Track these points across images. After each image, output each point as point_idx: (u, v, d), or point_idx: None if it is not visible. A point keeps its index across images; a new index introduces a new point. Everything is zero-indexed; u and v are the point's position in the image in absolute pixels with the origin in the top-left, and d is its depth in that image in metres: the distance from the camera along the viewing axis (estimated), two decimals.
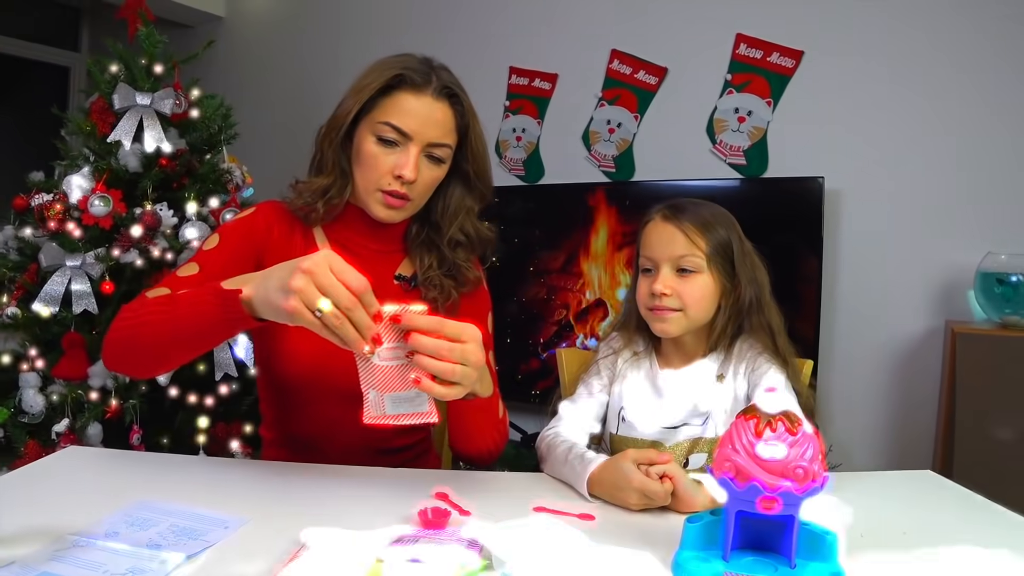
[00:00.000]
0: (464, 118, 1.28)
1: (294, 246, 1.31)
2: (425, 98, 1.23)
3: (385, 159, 1.23)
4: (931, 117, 2.60)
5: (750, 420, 0.82)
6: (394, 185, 1.24)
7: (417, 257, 1.37)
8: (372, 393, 0.99)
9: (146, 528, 0.94)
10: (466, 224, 1.35)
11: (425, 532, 0.92)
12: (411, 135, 1.22)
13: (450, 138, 1.27)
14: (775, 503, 0.79)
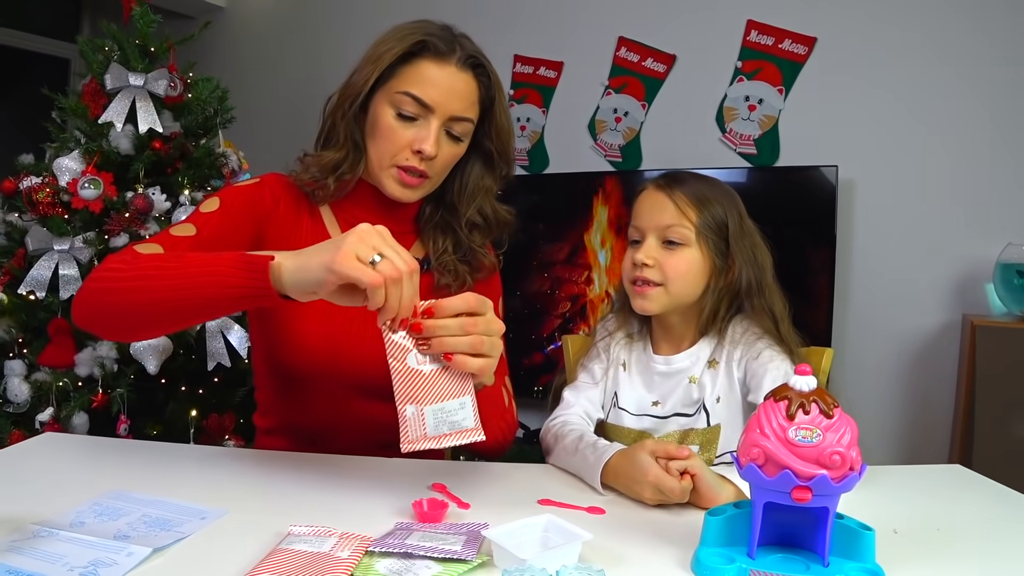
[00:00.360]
0: (489, 91, 1.20)
1: (300, 224, 1.23)
2: (449, 68, 1.14)
3: (403, 133, 1.14)
4: (948, 104, 2.52)
5: (780, 402, 0.74)
6: (412, 161, 1.15)
7: (431, 239, 1.27)
8: (410, 409, 0.88)
9: (115, 518, 0.87)
10: (484, 205, 1.26)
11: (420, 525, 0.84)
12: (433, 107, 1.13)
13: (472, 112, 1.18)
14: (809, 493, 0.71)
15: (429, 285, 1.25)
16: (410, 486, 1.00)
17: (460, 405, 0.89)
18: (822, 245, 2.53)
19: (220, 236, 1.12)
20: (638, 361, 1.36)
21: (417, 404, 0.88)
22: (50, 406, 1.97)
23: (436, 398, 0.88)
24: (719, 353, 1.28)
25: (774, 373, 1.20)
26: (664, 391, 1.31)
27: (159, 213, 2.26)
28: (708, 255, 1.27)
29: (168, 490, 0.96)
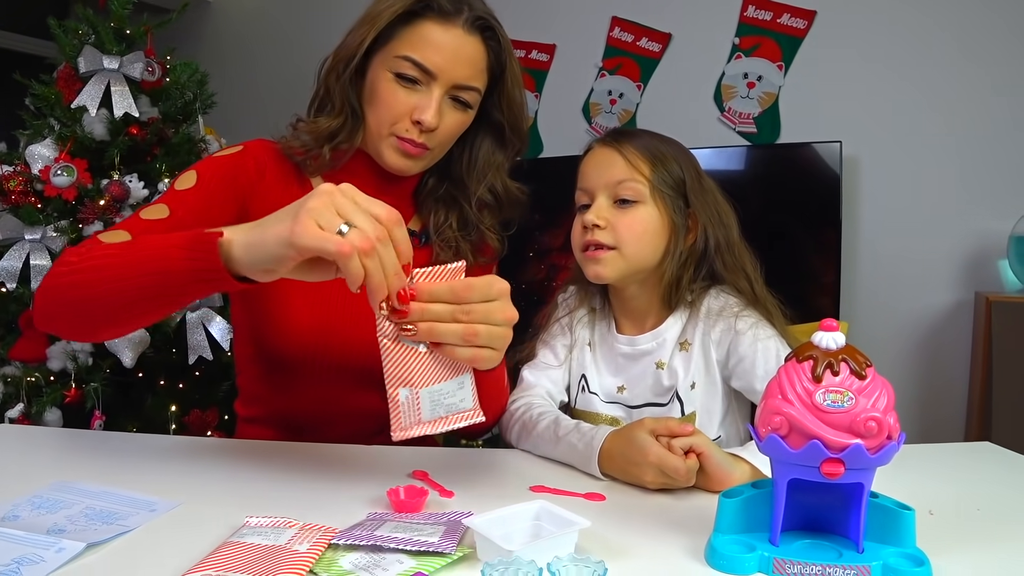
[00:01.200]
0: (500, 57, 1.08)
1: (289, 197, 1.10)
2: (454, 30, 1.03)
3: (403, 100, 1.03)
4: (953, 76, 2.43)
5: (804, 362, 0.64)
6: (412, 132, 1.04)
7: (431, 212, 1.17)
8: (404, 393, 0.78)
9: (54, 511, 0.77)
10: (495, 183, 1.15)
11: (395, 515, 0.74)
12: (435, 73, 1.02)
13: (480, 80, 1.07)
14: (841, 467, 0.61)
15: (426, 260, 1.15)
16: (388, 474, 0.90)
17: (458, 385, 0.80)
18: (827, 224, 2.44)
19: (196, 216, 1.01)
20: (602, 341, 1.23)
21: (411, 387, 0.78)
22: (20, 402, 1.87)
23: (432, 379, 0.79)
24: (691, 332, 1.14)
25: (765, 355, 1.07)
26: (631, 376, 1.19)
27: (136, 201, 2.15)
28: (666, 213, 1.13)
29: (119, 481, 0.86)
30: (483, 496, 0.84)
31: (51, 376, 1.94)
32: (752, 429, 0.67)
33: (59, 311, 0.93)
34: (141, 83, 2.30)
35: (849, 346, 0.64)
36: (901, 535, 0.67)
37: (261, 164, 1.11)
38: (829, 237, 2.43)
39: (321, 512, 0.76)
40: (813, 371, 0.63)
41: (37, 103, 2.30)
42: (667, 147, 1.17)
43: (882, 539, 0.67)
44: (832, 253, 2.43)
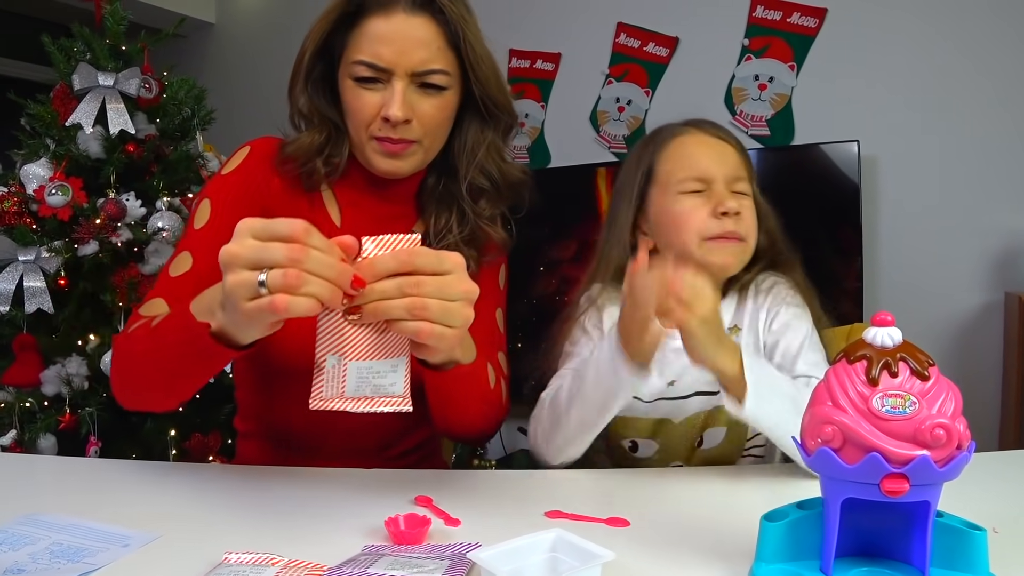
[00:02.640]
0: (454, 29, 1.01)
1: (298, 207, 1.08)
2: (396, 16, 0.98)
3: (368, 101, 1.00)
4: (974, 69, 2.35)
5: (857, 362, 0.56)
6: (385, 130, 1.00)
7: (432, 214, 1.12)
8: (331, 360, 0.72)
9: (17, 548, 0.69)
10: (487, 163, 1.08)
11: (394, 548, 0.66)
12: (388, 68, 0.98)
13: (442, 60, 1.00)
14: (905, 483, 0.53)
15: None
16: (388, 501, 0.82)
17: (391, 367, 0.73)
18: (847, 227, 2.36)
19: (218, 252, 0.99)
20: None
21: (340, 356, 0.72)
22: (13, 428, 1.80)
23: (364, 354, 0.72)
24: (741, 316, 1.11)
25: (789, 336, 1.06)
26: (679, 368, 1.08)
27: (133, 219, 2.10)
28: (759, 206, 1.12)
29: (97, 512, 0.78)
30: (493, 524, 0.76)
31: (45, 401, 1.88)
32: (798, 443, 0.59)
33: (131, 394, 0.97)
34: (138, 100, 2.25)
35: (907, 343, 0.56)
36: (971, 559, 0.58)
37: (268, 170, 1.08)
38: (850, 240, 2.35)
39: (311, 545, 0.68)
40: (868, 372, 0.55)
41: (32, 123, 2.25)
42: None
43: (950, 564, 0.59)
44: (853, 256, 2.34)
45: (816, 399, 0.57)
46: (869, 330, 0.57)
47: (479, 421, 1.00)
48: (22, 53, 4.55)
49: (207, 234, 1.02)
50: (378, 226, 1.07)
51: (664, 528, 0.75)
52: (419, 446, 1.19)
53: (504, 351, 1.14)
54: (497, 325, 1.15)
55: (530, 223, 1.15)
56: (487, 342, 1.09)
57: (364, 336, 0.72)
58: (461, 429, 1.02)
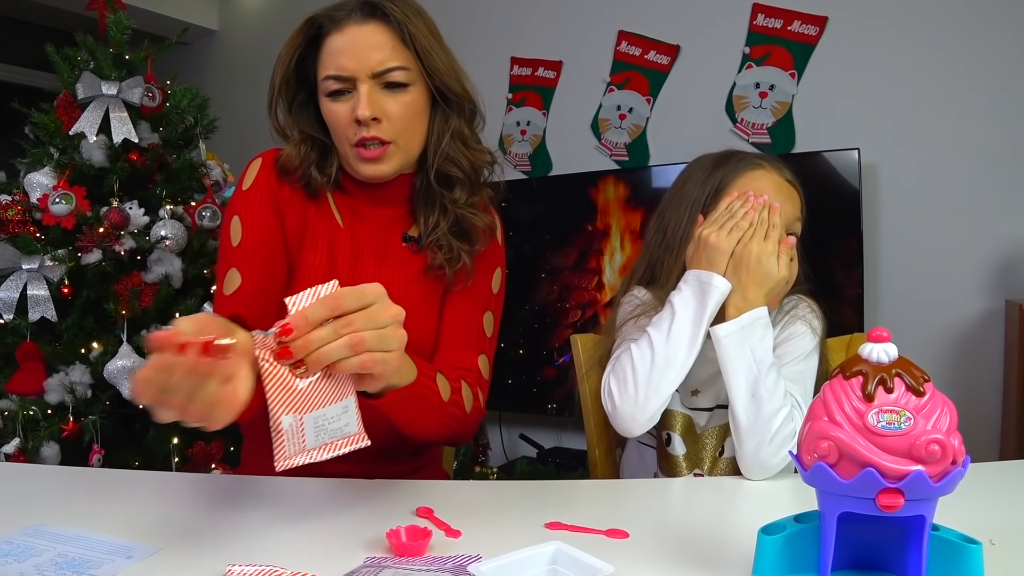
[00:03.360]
0: (401, 28, 1.07)
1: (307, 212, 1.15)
2: (348, 28, 1.06)
3: (342, 111, 1.07)
4: (975, 78, 2.35)
5: (853, 378, 0.57)
6: (360, 131, 1.06)
7: (422, 216, 1.17)
8: (287, 420, 0.71)
9: (23, 559, 0.70)
10: (452, 151, 1.13)
11: (395, 560, 0.67)
12: (350, 75, 1.05)
13: (399, 57, 1.06)
14: (900, 498, 0.53)
15: (422, 266, 1.16)
16: (389, 512, 0.82)
17: (343, 409, 0.75)
18: (848, 235, 2.36)
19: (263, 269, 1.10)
20: None
21: (296, 413, 0.72)
22: (16, 436, 1.80)
23: (316, 404, 0.73)
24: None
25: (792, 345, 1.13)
26: (702, 379, 1.16)
27: (136, 228, 2.11)
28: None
29: (101, 523, 0.79)
30: (493, 535, 0.76)
31: (49, 409, 1.88)
32: (795, 457, 0.59)
33: None
34: (141, 109, 2.27)
35: (903, 359, 0.57)
36: (967, 572, 0.59)
37: (279, 179, 1.14)
38: (850, 247, 2.35)
39: (313, 557, 0.69)
40: (863, 388, 0.55)
41: (36, 131, 2.27)
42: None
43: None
44: (854, 264, 2.34)
45: (813, 414, 0.58)
46: (865, 346, 0.57)
47: (440, 432, 1.02)
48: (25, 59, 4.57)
49: (246, 248, 1.09)
50: (377, 229, 1.17)
51: (663, 540, 0.76)
52: (424, 449, 1.21)
53: (488, 354, 1.18)
54: (483, 328, 1.18)
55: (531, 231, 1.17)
56: (469, 343, 1.16)
57: (312, 387, 0.72)
58: (424, 440, 1.07)
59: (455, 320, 1.16)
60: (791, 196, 1.17)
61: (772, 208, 1.08)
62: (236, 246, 1.10)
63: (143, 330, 2.03)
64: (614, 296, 2.76)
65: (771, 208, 1.08)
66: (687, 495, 0.95)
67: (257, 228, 1.11)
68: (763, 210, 1.09)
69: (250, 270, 1.09)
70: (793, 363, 1.11)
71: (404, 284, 1.15)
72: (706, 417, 1.16)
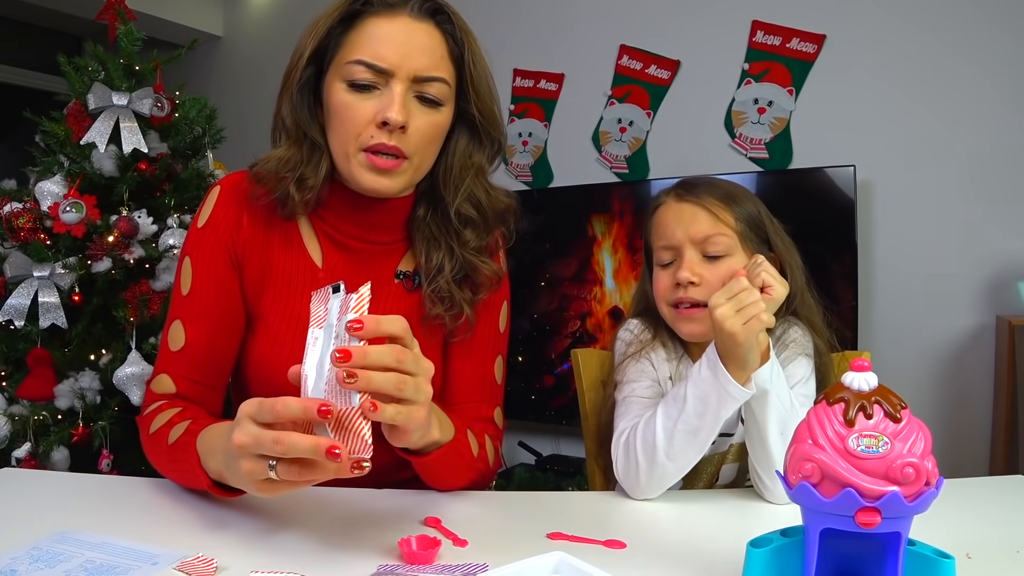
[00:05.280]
0: (458, 40, 0.98)
1: (271, 242, 1.03)
2: (401, 19, 0.94)
3: (362, 106, 0.93)
4: (970, 95, 2.39)
5: (835, 404, 0.61)
6: (379, 136, 0.92)
7: (423, 252, 1.06)
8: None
9: (53, 565, 0.74)
10: (475, 189, 1.03)
11: (407, 568, 0.71)
12: (390, 69, 0.92)
13: (443, 70, 0.96)
14: (877, 516, 0.58)
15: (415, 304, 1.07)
16: (398, 522, 0.87)
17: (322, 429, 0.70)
18: (843, 249, 2.40)
19: (208, 324, 1.02)
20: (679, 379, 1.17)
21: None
22: (27, 441, 1.84)
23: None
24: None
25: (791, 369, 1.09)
26: None
27: (145, 236, 2.15)
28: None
29: (122, 530, 0.83)
30: (499, 545, 0.80)
31: (59, 415, 1.92)
32: (781, 477, 0.64)
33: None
34: (150, 119, 2.30)
35: (882, 387, 0.61)
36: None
37: (239, 209, 1.02)
38: (845, 262, 2.40)
39: (330, 564, 0.73)
40: (845, 414, 0.60)
41: (47, 140, 2.30)
42: (737, 189, 1.16)
43: None
44: (849, 279, 2.39)
45: (798, 437, 0.62)
46: (847, 375, 0.62)
47: (464, 485, 1.00)
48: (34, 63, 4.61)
49: (193, 301, 1.01)
50: (363, 264, 1.05)
51: (657, 551, 0.80)
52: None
53: (501, 404, 1.13)
54: (495, 377, 1.12)
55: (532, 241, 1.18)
56: (485, 398, 1.10)
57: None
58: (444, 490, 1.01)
59: (466, 375, 1.10)
60: (695, 215, 1.10)
61: (738, 274, 0.98)
62: (185, 296, 1.02)
63: (151, 337, 2.07)
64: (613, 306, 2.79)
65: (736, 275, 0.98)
66: (681, 508, 0.99)
67: (208, 278, 1.01)
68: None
69: (197, 328, 1.01)
70: (796, 389, 1.07)
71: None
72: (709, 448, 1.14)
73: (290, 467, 0.67)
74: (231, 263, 1.02)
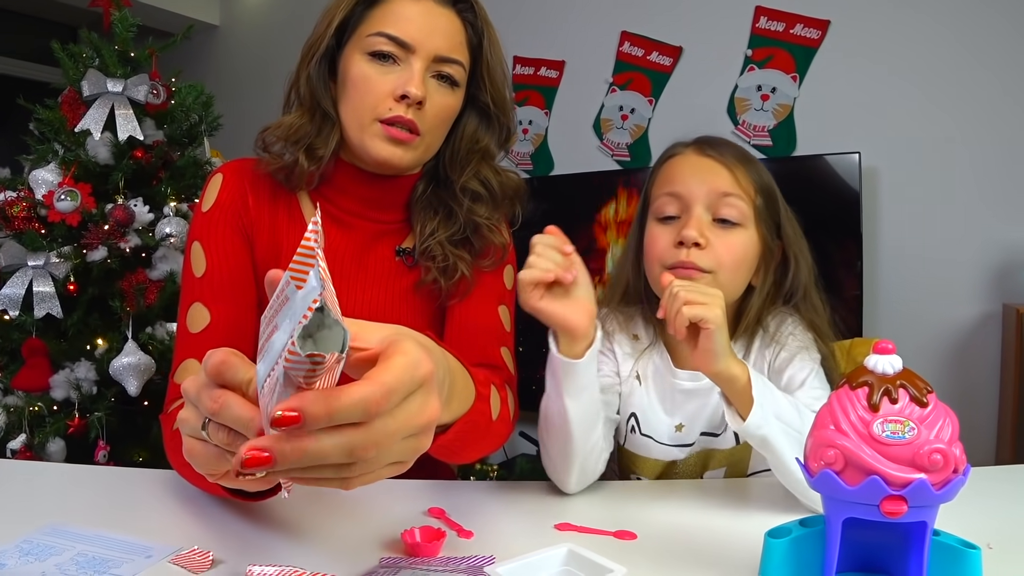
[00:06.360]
0: (477, 29, 1.01)
1: (277, 220, 1.03)
2: (426, 2, 0.97)
3: (381, 79, 0.95)
4: (972, 84, 2.36)
5: (859, 388, 0.58)
6: (397, 110, 0.94)
7: (419, 225, 1.05)
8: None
9: (44, 558, 0.71)
10: (483, 170, 1.04)
11: (410, 561, 0.68)
12: (412, 45, 0.94)
13: (461, 54, 0.98)
14: (904, 505, 0.55)
15: (414, 280, 1.05)
16: (402, 513, 0.84)
17: None
18: (848, 237, 2.37)
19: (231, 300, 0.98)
20: (656, 376, 1.08)
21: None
22: (23, 432, 1.82)
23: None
24: (747, 359, 1.04)
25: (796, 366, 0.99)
26: (689, 413, 1.06)
27: (141, 225, 2.12)
28: (762, 241, 1.01)
29: (116, 522, 0.81)
30: (505, 536, 0.78)
31: (54, 406, 1.89)
32: (802, 465, 0.61)
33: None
34: (146, 106, 2.27)
35: (907, 370, 0.59)
36: None
37: (242, 190, 1.02)
38: (850, 251, 2.37)
39: (331, 557, 0.70)
40: (869, 398, 0.57)
41: (41, 128, 2.27)
42: (759, 163, 1.05)
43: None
44: (853, 267, 2.36)
45: (819, 423, 0.59)
46: (871, 357, 0.59)
47: (479, 456, 0.91)
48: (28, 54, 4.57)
49: (211, 280, 0.98)
50: (363, 241, 1.04)
51: (670, 542, 0.77)
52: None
53: (509, 347, 1.09)
54: (501, 322, 1.08)
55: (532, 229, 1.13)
56: (490, 335, 1.06)
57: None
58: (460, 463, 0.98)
59: (466, 318, 1.05)
60: (714, 171, 1.00)
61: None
62: (200, 277, 0.98)
63: (148, 327, 2.05)
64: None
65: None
66: (693, 497, 0.96)
67: (223, 256, 0.99)
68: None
69: (219, 305, 0.97)
70: (807, 389, 0.98)
71: (393, 304, 1.05)
72: (687, 451, 1.07)
73: (219, 431, 0.48)
74: (243, 236, 1.01)
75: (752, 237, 1.00)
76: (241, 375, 0.48)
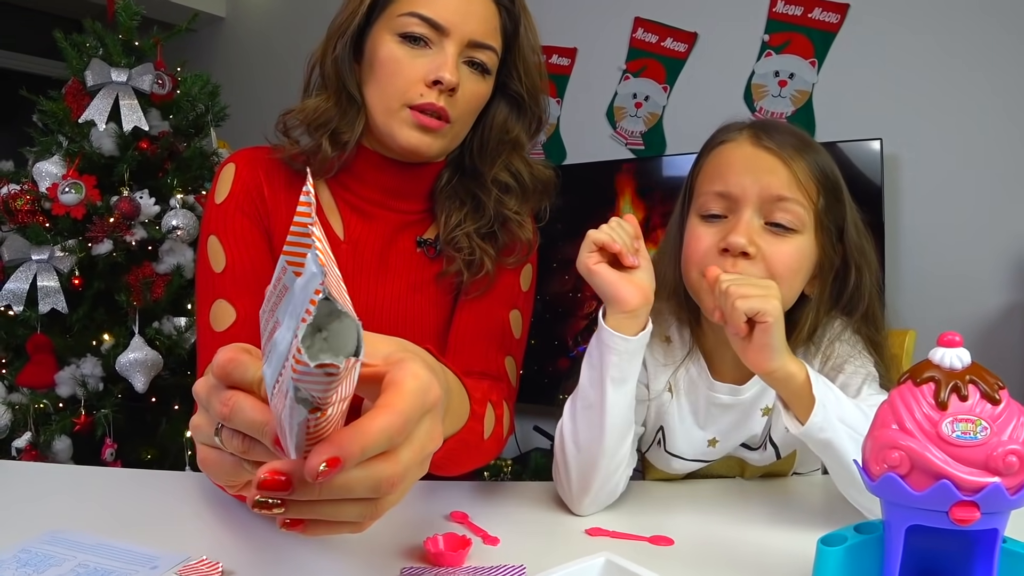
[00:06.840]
0: (513, 16, 0.96)
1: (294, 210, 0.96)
2: None
3: (413, 63, 0.90)
4: (1000, 66, 2.29)
5: (924, 384, 0.53)
6: (428, 96, 0.89)
7: (443, 214, 1.01)
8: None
9: (42, 570, 0.67)
10: (514, 161, 1.00)
11: (434, 571, 0.64)
12: (447, 28, 0.90)
13: (494, 40, 0.94)
14: (976, 511, 0.50)
15: (437, 271, 1.01)
16: (423, 518, 0.80)
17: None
18: (869, 225, 2.30)
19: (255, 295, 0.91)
20: (691, 388, 0.98)
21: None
22: (28, 430, 1.78)
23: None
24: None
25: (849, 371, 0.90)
26: (724, 427, 0.97)
27: (147, 218, 2.08)
28: (820, 249, 0.89)
29: (121, 529, 0.77)
30: (533, 542, 0.73)
31: (60, 403, 1.86)
32: (860, 468, 0.56)
33: None
34: (151, 96, 2.24)
35: (976, 364, 0.54)
36: None
37: (256, 180, 0.98)
38: (871, 239, 2.31)
39: (349, 568, 0.66)
40: (936, 395, 0.52)
41: (45, 119, 2.24)
42: (828, 159, 0.91)
43: None
44: (876, 257, 2.30)
45: (880, 422, 0.54)
46: (936, 350, 0.54)
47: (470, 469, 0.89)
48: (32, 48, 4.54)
49: (232, 274, 0.93)
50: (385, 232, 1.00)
51: (710, 548, 0.73)
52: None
53: (515, 356, 1.04)
54: (510, 328, 1.03)
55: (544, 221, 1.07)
56: (494, 341, 1.02)
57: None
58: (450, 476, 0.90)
59: (474, 319, 1.01)
60: (771, 168, 0.87)
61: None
62: (220, 272, 0.93)
63: (155, 322, 2.01)
64: None
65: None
66: (729, 498, 0.91)
67: (243, 248, 0.94)
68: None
69: (243, 300, 0.91)
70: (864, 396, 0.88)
71: (413, 296, 1.00)
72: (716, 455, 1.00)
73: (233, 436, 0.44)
74: (261, 227, 0.97)
75: (809, 244, 0.88)
76: (251, 373, 0.44)
